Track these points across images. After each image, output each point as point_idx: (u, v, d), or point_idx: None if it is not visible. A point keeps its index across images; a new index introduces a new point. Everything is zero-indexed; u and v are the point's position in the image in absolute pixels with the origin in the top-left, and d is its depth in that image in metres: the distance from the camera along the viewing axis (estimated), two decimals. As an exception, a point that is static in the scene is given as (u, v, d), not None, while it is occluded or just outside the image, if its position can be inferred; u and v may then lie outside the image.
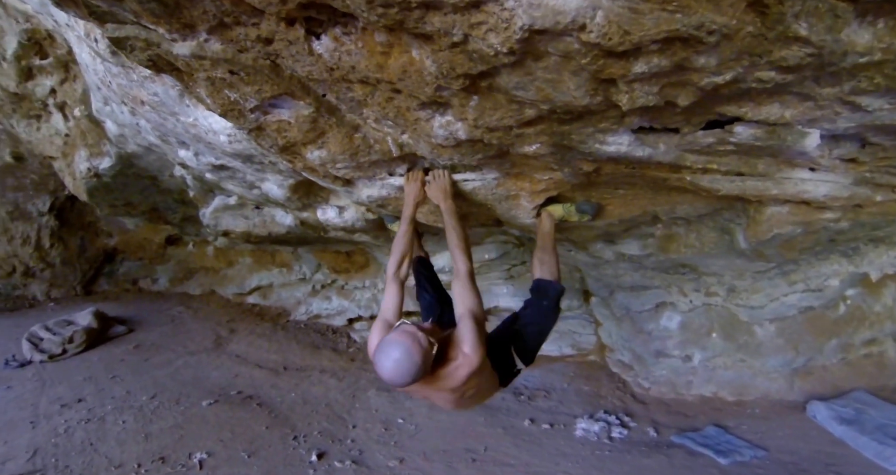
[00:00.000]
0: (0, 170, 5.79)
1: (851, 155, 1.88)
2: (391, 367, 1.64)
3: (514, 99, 1.28)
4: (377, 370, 1.67)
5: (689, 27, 0.98)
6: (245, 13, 1.17)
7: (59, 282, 6.65)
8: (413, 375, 1.65)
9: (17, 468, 3.12)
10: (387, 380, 1.67)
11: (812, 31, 1.03)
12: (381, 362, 1.66)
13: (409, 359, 1.63)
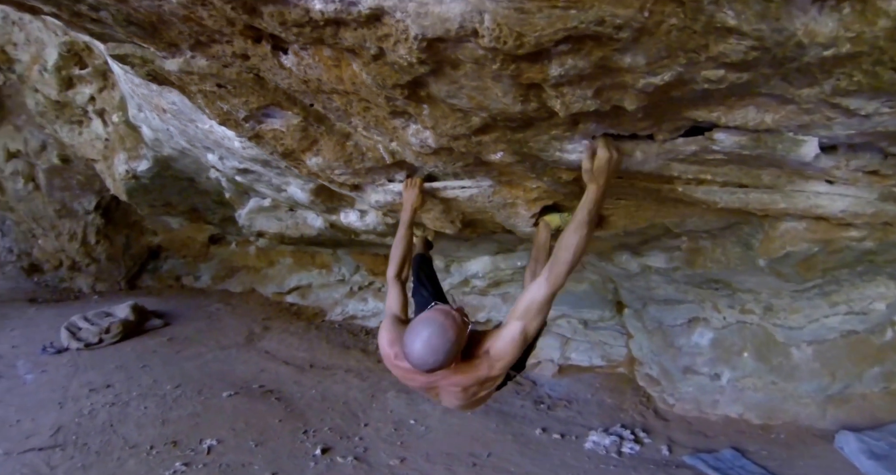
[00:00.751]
0: (48, 171, 6.27)
1: (872, 167, 1.74)
2: (422, 346, 1.53)
3: (454, 107, 1.33)
4: (407, 353, 1.57)
5: (589, 23, 0.93)
6: (214, 32, 1.28)
7: (104, 277, 7.12)
8: (447, 353, 1.54)
9: (39, 442, 3.41)
10: (418, 362, 1.56)
11: (741, 19, 0.94)
12: (411, 343, 1.56)
13: (444, 335, 1.54)
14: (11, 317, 5.88)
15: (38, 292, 7.03)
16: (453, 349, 1.55)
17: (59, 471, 3.15)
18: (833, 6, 0.95)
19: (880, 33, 0.97)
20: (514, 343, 1.65)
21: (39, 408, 3.87)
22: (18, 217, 6.90)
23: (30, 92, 4.79)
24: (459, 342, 1.57)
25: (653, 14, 0.87)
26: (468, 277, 5.03)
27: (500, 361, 1.67)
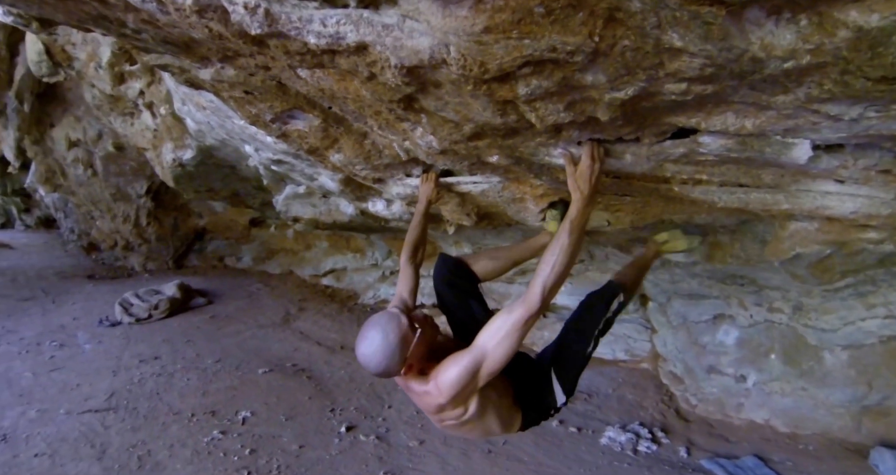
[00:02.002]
0: (104, 158, 6.79)
1: (884, 165, 1.68)
2: (362, 347, 1.50)
3: (445, 119, 1.46)
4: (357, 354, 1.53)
5: (543, 51, 1.03)
6: (237, 50, 1.49)
7: (154, 256, 7.66)
8: (385, 360, 1.48)
9: (95, 405, 3.85)
10: (361, 363, 1.52)
11: (686, 41, 1.00)
12: (357, 341, 1.53)
13: (383, 340, 1.47)
14: (73, 293, 6.46)
15: (95, 269, 7.65)
16: (393, 357, 1.48)
17: (111, 431, 3.55)
18: (789, 19, 0.98)
19: (841, 44, 1.01)
20: (462, 374, 1.51)
21: (96, 374, 4.32)
22: (79, 200, 7.50)
23: (87, 86, 5.22)
24: (402, 351, 1.49)
25: (603, 39, 0.97)
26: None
27: (448, 391, 1.53)
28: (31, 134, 7.09)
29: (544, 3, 0.86)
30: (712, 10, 0.88)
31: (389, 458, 3.47)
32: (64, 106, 6.87)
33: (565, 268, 1.56)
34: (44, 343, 4.93)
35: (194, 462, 3.29)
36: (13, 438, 3.45)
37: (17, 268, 7.31)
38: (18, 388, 4.08)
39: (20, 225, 9.84)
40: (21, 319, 5.51)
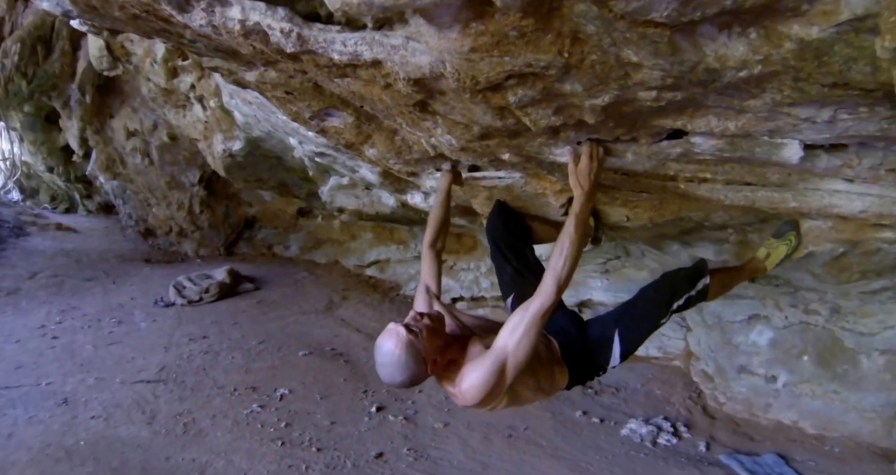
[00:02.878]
0: (160, 148, 7.30)
1: (892, 165, 1.73)
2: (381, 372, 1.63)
3: (455, 121, 1.68)
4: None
5: (521, 66, 1.21)
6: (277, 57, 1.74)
7: (206, 243, 8.16)
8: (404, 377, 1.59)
9: (147, 376, 4.28)
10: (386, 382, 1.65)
11: (641, 56, 1.14)
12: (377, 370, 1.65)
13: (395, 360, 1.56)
14: (131, 274, 7.01)
15: (151, 253, 8.22)
16: (412, 371, 1.57)
17: (161, 400, 3.95)
18: (740, 32, 1.09)
19: (788, 55, 1.13)
20: (486, 378, 1.58)
21: (149, 349, 4.77)
22: (136, 188, 8.07)
23: (143, 80, 5.68)
24: (415, 356, 1.56)
25: (572, 55, 1.14)
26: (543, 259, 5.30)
27: (474, 396, 1.62)
28: (93, 124, 7.68)
29: (517, 27, 1.06)
30: (657, 31, 1.03)
31: (414, 437, 3.73)
32: (122, 98, 7.42)
33: (575, 258, 1.69)
34: (104, 319, 5.44)
35: (234, 431, 3.64)
36: (73, 402, 3.89)
37: (81, 251, 7.95)
38: (80, 359, 4.56)
39: (82, 210, 10.59)
40: (84, 297, 6.06)
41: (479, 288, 6.16)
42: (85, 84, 7.10)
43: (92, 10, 1.86)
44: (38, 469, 3.16)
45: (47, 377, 4.22)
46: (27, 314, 5.49)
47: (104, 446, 3.41)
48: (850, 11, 1.01)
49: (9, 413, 3.70)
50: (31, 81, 6.79)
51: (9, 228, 8.26)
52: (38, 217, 9.37)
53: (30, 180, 10.99)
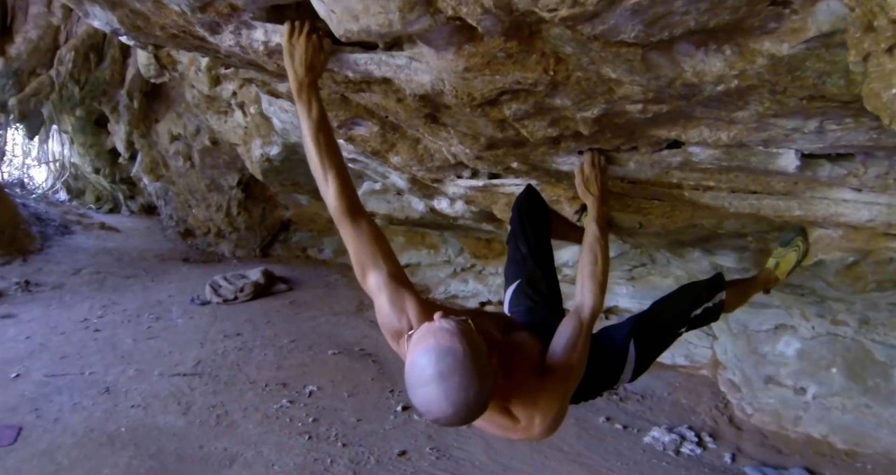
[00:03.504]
0: (201, 151, 7.69)
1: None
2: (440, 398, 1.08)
3: (462, 132, 1.83)
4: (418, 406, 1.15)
5: (511, 83, 1.34)
6: None
7: (243, 244, 8.51)
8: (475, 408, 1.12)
9: (184, 370, 4.56)
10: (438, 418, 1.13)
11: (618, 73, 1.24)
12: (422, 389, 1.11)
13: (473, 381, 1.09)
14: (169, 273, 7.40)
15: (190, 253, 8.62)
16: (485, 378, 1.13)
17: (196, 392, 4.21)
18: (716, 49, 1.17)
19: (762, 70, 1.19)
20: (564, 401, 1.41)
21: (186, 344, 5.06)
22: (178, 189, 8.49)
23: (188, 87, 6.03)
24: (485, 363, 1.15)
25: (558, 72, 1.26)
26: (559, 266, 5.34)
27: (545, 432, 1.37)
28: (139, 128, 8.15)
29: (503, 49, 1.20)
30: (630, 51, 1.15)
31: (438, 437, 3.87)
32: (167, 103, 7.85)
33: (608, 263, 1.74)
34: (143, 315, 5.79)
35: (263, 424, 3.86)
36: (114, 391, 4.19)
37: (123, 249, 8.41)
38: (120, 351, 4.88)
39: (125, 211, 11.16)
40: (124, 294, 6.44)
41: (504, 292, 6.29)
42: (133, 90, 7.55)
43: (137, 29, 2.09)
44: (83, 451, 3.44)
45: (90, 367, 4.54)
46: (71, 308, 5.89)
47: (143, 433, 3.67)
48: (816, 28, 1.09)
49: (55, 399, 4.01)
50: (83, 87, 7.25)
51: (55, 227, 8.79)
52: (83, 216, 9.93)
53: (77, 181, 11.65)
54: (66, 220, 9.28)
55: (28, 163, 12.40)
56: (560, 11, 0.98)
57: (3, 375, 4.30)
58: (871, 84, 1.07)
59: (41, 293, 6.25)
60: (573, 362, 1.47)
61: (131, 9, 1.93)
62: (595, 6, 0.95)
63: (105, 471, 3.28)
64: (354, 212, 1.55)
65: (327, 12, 1.26)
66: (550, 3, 0.96)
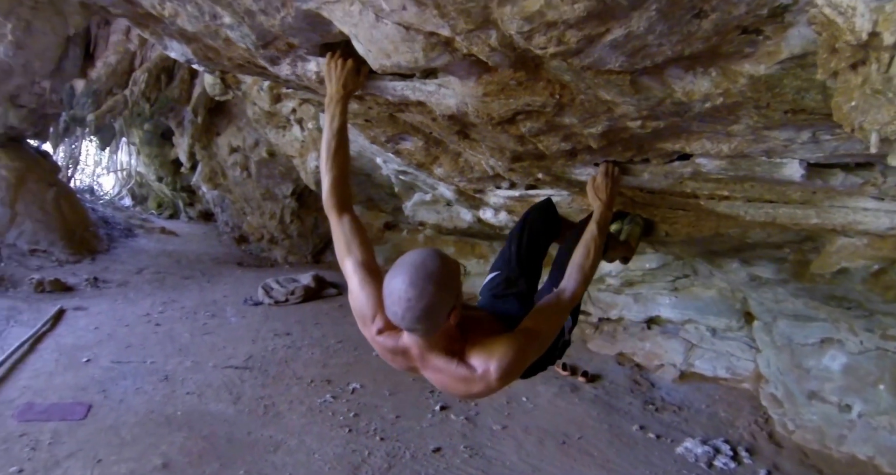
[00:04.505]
0: (258, 162, 8.29)
1: None
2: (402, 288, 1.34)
3: (490, 146, 2.09)
4: (387, 295, 1.38)
5: (523, 105, 1.60)
6: None
7: (295, 251, 9.02)
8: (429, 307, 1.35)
9: (235, 363, 5.00)
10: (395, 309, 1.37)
11: (611, 95, 1.47)
12: (392, 284, 1.37)
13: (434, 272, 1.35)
14: (224, 275, 7.96)
15: (243, 258, 9.20)
16: (444, 302, 1.38)
17: (246, 384, 4.62)
18: (703, 72, 1.37)
19: (744, 88, 1.38)
20: (522, 359, 1.56)
21: (238, 341, 5.51)
22: (234, 198, 9.10)
23: (250, 104, 6.56)
24: (451, 290, 1.40)
25: (562, 95, 1.52)
26: (603, 275, 5.47)
27: (504, 379, 1.52)
28: (201, 141, 8.82)
29: (514, 78, 1.47)
30: (619, 77, 1.39)
31: (472, 436, 4.12)
32: (229, 118, 8.49)
33: (598, 259, 1.96)
34: (199, 312, 6.30)
35: (307, 416, 4.21)
36: (172, 379, 4.65)
37: (181, 252, 9.08)
38: (178, 344, 5.37)
39: (184, 217, 11.98)
40: (183, 293, 7.00)
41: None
42: (198, 107, 8.22)
43: (208, 59, 2.47)
44: (144, 429, 3.86)
45: (151, 357, 5.04)
46: (134, 303, 6.48)
47: (197, 417, 4.08)
48: (789, 51, 1.28)
49: (120, 383, 4.49)
50: (153, 104, 7.96)
51: (120, 230, 9.61)
52: (146, 221, 10.77)
53: (141, 188, 12.63)
54: (130, 224, 10.08)
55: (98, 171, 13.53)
56: (549, 49, 1.24)
57: (76, 359, 4.84)
58: (836, 97, 1.27)
59: (108, 289, 6.88)
60: (541, 328, 1.66)
61: (204, 44, 2.32)
62: (577, 44, 1.21)
63: (163, 447, 3.69)
64: (340, 207, 1.80)
65: (365, 51, 1.57)
66: (541, 42, 1.22)
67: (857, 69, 1.11)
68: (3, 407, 4.01)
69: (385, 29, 1.39)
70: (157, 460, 3.56)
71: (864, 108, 1.13)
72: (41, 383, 4.39)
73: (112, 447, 3.66)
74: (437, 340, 1.50)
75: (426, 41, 1.38)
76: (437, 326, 1.43)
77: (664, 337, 5.41)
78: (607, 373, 5.28)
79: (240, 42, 1.98)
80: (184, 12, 2.08)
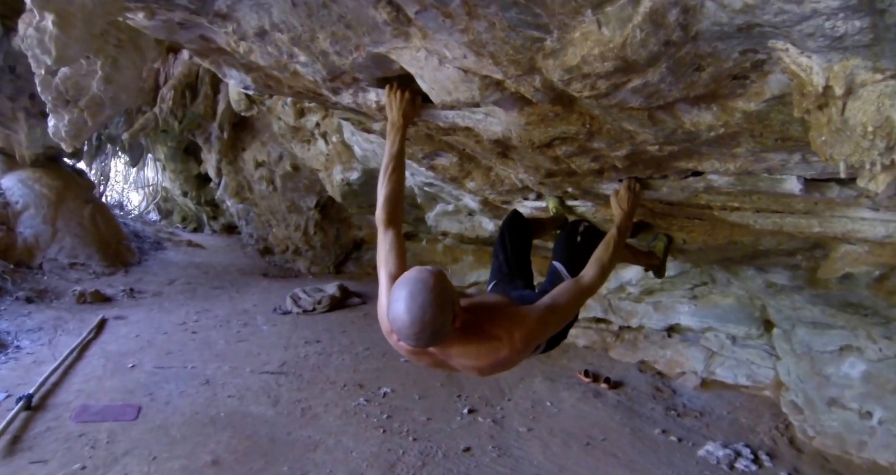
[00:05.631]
0: (283, 176, 8.78)
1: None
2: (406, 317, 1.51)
3: (528, 165, 2.45)
4: (391, 322, 1.57)
5: (559, 133, 1.94)
6: None
7: (318, 261, 9.45)
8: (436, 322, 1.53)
9: (271, 369, 5.39)
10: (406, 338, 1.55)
11: (633, 126, 1.80)
12: (395, 313, 1.54)
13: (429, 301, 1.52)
14: (252, 286, 8.39)
15: (268, 269, 9.64)
16: (446, 319, 1.56)
17: (282, 388, 4.99)
18: (706, 107, 1.70)
19: (739, 120, 1.73)
20: (540, 325, 1.79)
21: (271, 348, 5.91)
22: (260, 210, 9.56)
23: (274, 119, 7.02)
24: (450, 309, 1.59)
25: (592, 125, 1.88)
26: (623, 284, 5.74)
27: (526, 344, 1.75)
28: (227, 156, 9.30)
29: (553, 111, 1.84)
30: (639, 112, 1.75)
31: (500, 437, 4.44)
32: (253, 133, 8.98)
33: (616, 256, 2.22)
34: (232, 321, 6.71)
35: (343, 418, 4.56)
36: (213, 383, 5.03)
37: (208, 264, 9.55)
38: (215, 351, 5.77)
39: (208, 230, 12.50)
40: (214, 302, 7.43)
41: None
42: (223, 123, 8.71)
43: (267, 87, 2.87)
44: (191, 429, 4.24)
45: (191, 362, 5.43)
46: (170, 312, 6.91)
47: (239, 418, 4.45)
48: (770, 92, 1.62)
49: (165, 387, 4.88)
50: (181, 121, 8.46)
51: (150, 243, 10.14)
52: (172, 234, 11.33)
53: (166, 203, 13.23)
54: (159, 237, 10.62)
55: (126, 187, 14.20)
56: (584, 92, 1.60)
57: (122, 365, 5.26)
58: (811, 132, 1.62)
59: (143, 299, 7.34)
60: (560, 303, 1.88)
61: (266, 73, 2.71)
62: (606, 90, 1.57)
63: (211, 445, 4.06)
64: (388, 221, 2.06)
65: (429, 88, 1.95)
66: (577, 87, 1.59)
67: (822, 110, 1.46)
68: (61, 409, 4.42)
69: (447, 72, 1.77)
70: (206, 457, 3.93)
71: (832, 142, 1.48)
72: (92, 387, 4.80)
73: (164, 445, 4.03)
74: (452, 338, 1.68)
75: (481, 82, 1.75)
76: (445, 336, 1.62)
77: (685, 345, 5.66)
78: (629, 380, 5.58)
79: (309, 75, 2.37)
80: (260, 50, 2.48)
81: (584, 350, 6.31)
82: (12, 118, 7.56)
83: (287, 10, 1.91)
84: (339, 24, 1.84)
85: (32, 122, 7.62)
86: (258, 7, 1.99)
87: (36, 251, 7.61)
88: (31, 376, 4.84)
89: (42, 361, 5.19)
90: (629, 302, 5.99)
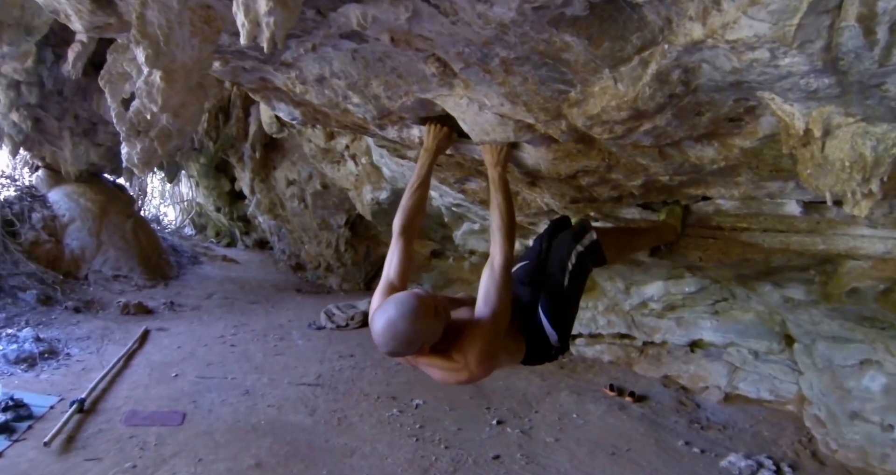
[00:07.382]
0: (313, 194, 9.20)
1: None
2: (383, 328, 1.68)
3: (554, 192, 2.78)
4: (371, 330, 1.73)
5: (581, 166, 2.25)
6: None
7: (349, 278, 9.84)
8: (408, 342, 1.68)
9: (308, 381, 5.73)
10: (378, 343, 1.73)
11: (647, 161, 2.11)
12: (374, 321, 1.71)
13: (405, 322, 1.65)
14: (286, 301, 8.79)
15: (301, 285, 10.05)
16: (416, 339, 1.70)
17: (319, 399, 5.32)
18: (708, 143, 2.06)
19: (738, 155, 2.06)
20: (483, 341, 1.83)
21: (307, 361, 6.26)
22: (292, 227, 10.00)
23: (305, 141, 7.45)
24: (425, 333, 1.72)
25: (610, 160, 2.21)
26: (645, 300, 5.90)
27: (478, 367, 1.83)
28: (259, 175, 9.78)
29: (576, 148, 2.16)
30: (651, 149, 2.07)
31: (528, 447, 4.70)
32: (283, 153, 9.45)
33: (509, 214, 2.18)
34: (269, 335, 7.09)
35: (377, 427, 4.87)
36: (253, 393, 5.38)
37: (243, 279, 9.99)
38: (254, 363, 6.14)
39: (241, 245, 13.01)
40: (251, 317, 7.83)
41: (596, 325, 6.98)
42: (255, 143, 9.20)
43: (315, 120, 3.24)
44: (234, 435, 4.58)
45: (231, 373, 5.80)
46: (209, 325, 7.33)
47: (279, 426, 4.78)
48: (762, 132, 1.95)
49: (207, 395, 5.25)
50: (216, 142, 8.96)
51: (187, 257, 10.65)
52: (208, 249, 11.85)
53: (200, 218, 13.80)
54: (195, 251, 11.14)
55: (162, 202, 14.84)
56: (604, 135, 1.93)
57: (166, 374, 5.65)
58: (798, 166, 1.92)
59: (183, 312, 7.78)
60: (491, 309, 1.91)
61: (315, 108, 3.07)
62: (622, 132, 1.90)
63: (253, 450, 4.39)
64: (402, 230, 2.32)
65: (469, 129, 2.29)
66: (597, 131, 1.92)
67: (806, 147, 1.76)
68: (112, 413, 4.81)
69: (486, 116, 2.11)
70: (250, 460, 4.26)
71: (816, 175, 1.78)
72: (139, 394, 5.19)
73: (209, 449, 4.37)
74: (421, 352, 1.84)
75: (515, 125, 2.09)
76: (410, 352, 1.81)
77: (708, 360, 5.84)
78: (653, 394, 5.79)
79: (359, 114, 2.73)
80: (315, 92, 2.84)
81: (608, 365, 6.54)
82: (58, 136, 8.17)
83: (347, 62, 2.27)
84: (392, 74, 2.19)
85: (76, 140, 8.24)
86: (321, 59, 2.35)
87: (82, 263, 8.12)
88: (81, 382, 5.26)
89: (91, 368, 5.61)
90: (652, 317, 6.17)
